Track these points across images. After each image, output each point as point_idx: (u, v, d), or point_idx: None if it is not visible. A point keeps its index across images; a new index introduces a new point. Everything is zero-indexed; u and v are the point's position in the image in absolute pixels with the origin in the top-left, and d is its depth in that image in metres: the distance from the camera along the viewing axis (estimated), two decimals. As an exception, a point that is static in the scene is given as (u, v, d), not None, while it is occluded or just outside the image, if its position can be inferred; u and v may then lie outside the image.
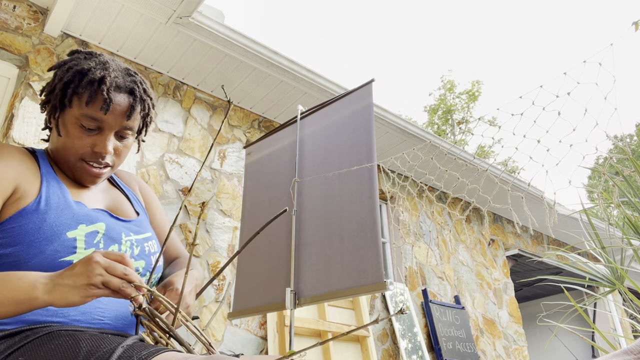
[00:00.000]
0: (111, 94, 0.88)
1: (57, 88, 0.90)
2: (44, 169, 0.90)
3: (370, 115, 2.20)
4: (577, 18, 50.63)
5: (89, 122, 0.88)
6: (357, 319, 3.47)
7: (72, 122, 0.89)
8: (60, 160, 0.93)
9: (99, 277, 0.70)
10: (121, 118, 0.90)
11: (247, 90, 3.45)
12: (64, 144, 0.91)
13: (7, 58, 2.63)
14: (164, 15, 2.75)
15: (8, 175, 0.83)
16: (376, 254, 1.86)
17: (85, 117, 0.88)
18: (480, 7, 41.09)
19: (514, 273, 5.94)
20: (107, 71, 0.89)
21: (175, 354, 0.67)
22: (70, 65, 0.91)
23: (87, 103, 0.87)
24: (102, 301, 0.82)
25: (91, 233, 0.86)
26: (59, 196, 0.87)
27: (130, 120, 0.92)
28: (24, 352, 0.69)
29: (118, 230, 0.92)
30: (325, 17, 54.27)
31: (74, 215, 0.85)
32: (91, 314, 0.80)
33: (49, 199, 0.85)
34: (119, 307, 0.85)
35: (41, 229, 0.81)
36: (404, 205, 4.55)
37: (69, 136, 0.89)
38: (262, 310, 2.24)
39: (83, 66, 0.89)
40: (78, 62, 0.91)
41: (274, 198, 2.48)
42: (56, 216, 0.83)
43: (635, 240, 1.88)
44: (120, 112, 0.90)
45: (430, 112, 15.55)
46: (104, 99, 0.87)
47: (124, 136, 0.94)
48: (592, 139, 1.52)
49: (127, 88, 0.91)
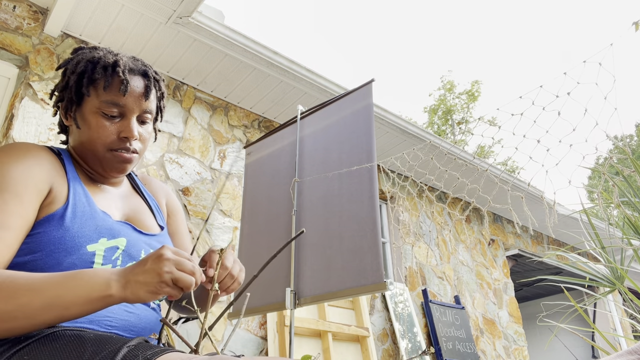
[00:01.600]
0: (127, 75, 0.88)
1: (72, 80, 0.90)
2: (70, 174, 0.89)
3: (370, 115, 2.20)
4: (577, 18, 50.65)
5: (110, 109, 0.88)
6: (357, 319, 3.47)
7: (93, 112, 0.88)
8: (87, 155, 0.91)
9: (168, 275, 0.69)
10: (140, 100, 0.90)
11: (247, 90, 3.45)
12: (88, 137, 0.89)
13: (7, 58, 2.64)
14: (164, 15, 2.75)
15: (44, 177, 0.82)
16: (376, 254, 1.86)
17: (106, 104, 0.88)
18: (480, 8, 41.10)
19: (514, 273, 5.94)
20: (118, 56, 0.90)
21: (179, 354, 0.67)
22: (79, 58, 0.92)
23: (105, 88, 0.87)
24: (112, 310, 0.81)
25: (111, 248, 0.85)
26: (85, 204, 0.86)
27: (148, 101, 0.92)
28: (28, 351, 0.69)
29: (138, 247, 0.91)
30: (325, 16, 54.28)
31: (97, 227, 0.84)
32: (99, 322, 0.79)
33: (75, 206, 0.84)
34: (127, 316, 0.84)
35: (63, 239, 0.80)
36: (404, 205, 4.56)
37: (91, 128, 0.88)
38: (262, 310, 2.24)
39: (93, 55, 0.90)
40: (86, 54, 0.92)
41: (274, 198, 2.48)
42: (79, 226, 0.82)
43: (635, 240, 1.88)
44: (139, 93, 0.90)
45: (430, 112, 15.56)
46: (120, 80, 0.88)
47: (144, 121, 0.94)
48: (592, 139, 1.52)
49: (140, 70, 0.92)
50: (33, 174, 0.81)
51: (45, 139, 2.59)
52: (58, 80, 2.76)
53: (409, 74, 43.09)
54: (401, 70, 43.45)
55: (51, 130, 2.64)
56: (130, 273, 0.70)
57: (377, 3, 47.28)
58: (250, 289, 2.33)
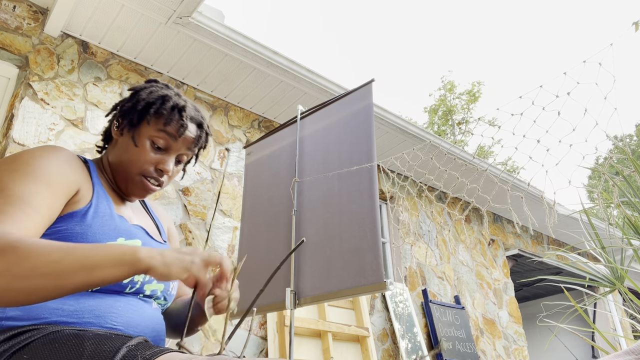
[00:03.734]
0: (188, 121, 1.00)
1: (140, 105, 0.99)
2: (95, 180, 0.95)
3: (370, 115, 2.20)
4: (577, 18, 50.65)
5: (161, 141, 0.98)
6: (357, 319, 3.47)
7: (144, 138, 0.98)
8: (120, 171, 0.99)
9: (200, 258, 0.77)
10: (188, 144, 1.01)
11: (247, 90, 3.45)
12: (129, 156, 0.98)
13: (7, 58, 2.64)
14: (164, 15, 2.75)
15: (74, 177, 0.88)
16: (376, 254, 1.86)
17: (159, 136, 0.98)
18: (480, 8, 41.11)
19: (514, 273, 5.94)
20: (186, 103, 1.02)
21: (179, 354, 0.67)
22: (153, 89, 1.02)
23: (165, 124, 0.98)
24: (116, 307, 0.84)
25: None
26: (106, 207, 0.92)
27: (193, 148, 1.03)
28: (28, 350, 0.70)
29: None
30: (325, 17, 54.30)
31: (116, 227, 0.89)
32: (105, 318, 0.81)
33: (97, 207, 0.90)
34: (131, 314, 0.86)
35: (85, 234, 0.83)
36: (403, 205, 4.56)
37: (137, 150, 0.98)
38: (262, 310, 2.24)
39: (166, 93, 1.01)
40: (160, 88, 1.03)
41: (274, 198, 2.48)
42: (100, 225, 0.87)
43: (635, 240, 1.88)
44: (190, 139, 1.01)
45: (430, 112, 15.56)
46: (181, 124, 0.99)
47: (180, 161, 1.04)
48: (592, 139, 1.52)
49: (197, 121, 1.03)
50: (66, 172, 0.87)
51: (45, 139, 2.59)
52: (57, 80, 2.76)
53: (409, 74, 43.11)
54: (401, 70, 43.46)
55: (51, 130, 2.64)
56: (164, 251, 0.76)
57: (377, 3, 47.29)
58: (250, 289, 2.33)
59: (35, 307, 0.77)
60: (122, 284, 0.85)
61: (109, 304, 0.83)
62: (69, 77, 2.82)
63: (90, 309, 0.80)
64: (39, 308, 0.77)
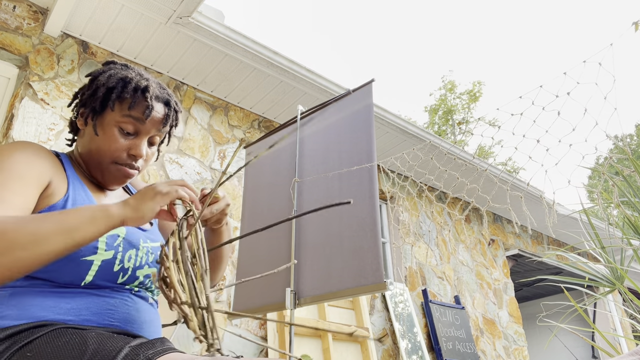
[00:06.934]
0: (153, 101, 0.95)
1: (100, 92, 0.95)
2: (69, 172, 0.93)
3: (370, 115, 2.20)
4: (577, 18, 50.65)
5: (129, 126, 0.94)
6: (357, 319, 3.47)
7: (111, 125, 0.94)
8: (92, 162, 0.96)
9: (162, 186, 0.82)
10: (157, 125, 0.97)
11: (247, 90, 3.45)
12: (97, 146, 0.94)
13: (7, 58, 2.64)
14: (164, 15, 2.75)
15: (45, 169, 0.87)
16: (376, 254, 1.86)
17: (126, 121, 0.94)
18: (480, 8, 41.11)
19: (514, 273, 5.94)
20: (149, 82, 0.97)
21: (180, 354, 0.68)
22: (111, 73, 0.97)
23: (130, 108, 0.94)
24: (112, 303, 0.84)
25: (112, 236, 0.88)
26: (84, 198, 0.91)
27: (163, 128, 1.00)
28: (31, 348, 0.70)
29: (137, 236, 0.94)
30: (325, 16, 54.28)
31: None
32: (102, 315, 0.82)
33: (75, 199, 0.88)
34: (128, 311, 0.87)
35: None
36: (403, 205, 4.56)
37: (104, 138, 0.94)
38: (262, 310, 2.24)
39: (126, 75, 0.96)
40: (118, 71, 0.98)
41: (274, 198, 2.48)
42: None
43: (635, 240, 1.88)
44: (158, 119, 0.97)
45: (430, 112, 15.56)
46: (146, 105, 0.94)
47: (153, 143, 1.01)
48: (592, 139, 1.52)
49: (164, 99, 0.99)
50: (35, 164, 0.85)
51: (45, 139, 2.59)
52: (57, 80, 2.76)
53: (409, 74, 43.11)
54: (401, 70, 43.47)
55: (51, 130, 2.64)
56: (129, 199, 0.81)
57: (377, 3, 47.30)
58: (250, 289, 2.33)
59: (32, 305, 0.77)
60: (114, 273, 0.86)
61: (106, 301, 0.83)
62: (69, 77, 2.82)
63: (87, 306, 0.81)
64: (35, 306, 0.77)
